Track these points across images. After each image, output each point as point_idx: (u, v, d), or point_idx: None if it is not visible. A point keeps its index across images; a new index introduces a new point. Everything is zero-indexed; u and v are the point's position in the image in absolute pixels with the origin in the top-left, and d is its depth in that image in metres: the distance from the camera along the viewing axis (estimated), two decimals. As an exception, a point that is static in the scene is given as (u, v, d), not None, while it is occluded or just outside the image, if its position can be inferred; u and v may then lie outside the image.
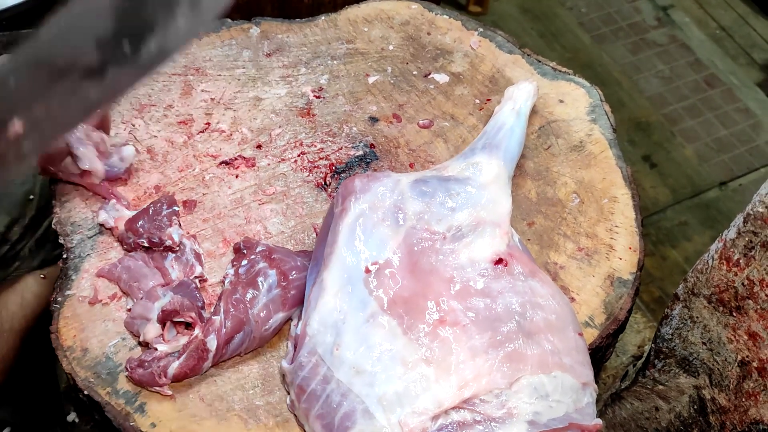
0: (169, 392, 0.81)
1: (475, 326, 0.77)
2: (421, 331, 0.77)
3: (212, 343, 0.81)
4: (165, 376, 0.80)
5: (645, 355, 1.17)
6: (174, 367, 0.80)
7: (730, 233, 0.90)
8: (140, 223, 0.89)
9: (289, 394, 0.82)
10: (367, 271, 0.81)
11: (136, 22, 0.58)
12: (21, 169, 0.63)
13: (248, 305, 0.84)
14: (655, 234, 2.18)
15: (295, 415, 0.81)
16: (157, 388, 0.81)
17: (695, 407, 1.00)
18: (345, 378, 0.75)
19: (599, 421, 0.76)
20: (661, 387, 1.03)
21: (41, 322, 1.22)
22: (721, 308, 0.94)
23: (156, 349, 0.82)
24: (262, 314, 0.84)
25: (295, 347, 0.82)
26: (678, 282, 1.02)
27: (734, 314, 0.92)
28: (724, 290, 0.93)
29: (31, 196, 1.17)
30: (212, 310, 0.85)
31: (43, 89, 0.57)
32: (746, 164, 2.39)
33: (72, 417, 1.22)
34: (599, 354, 0.93)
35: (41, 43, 0.57)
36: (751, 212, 0.86)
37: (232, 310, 0.83)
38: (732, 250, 0.90)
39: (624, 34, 2.67)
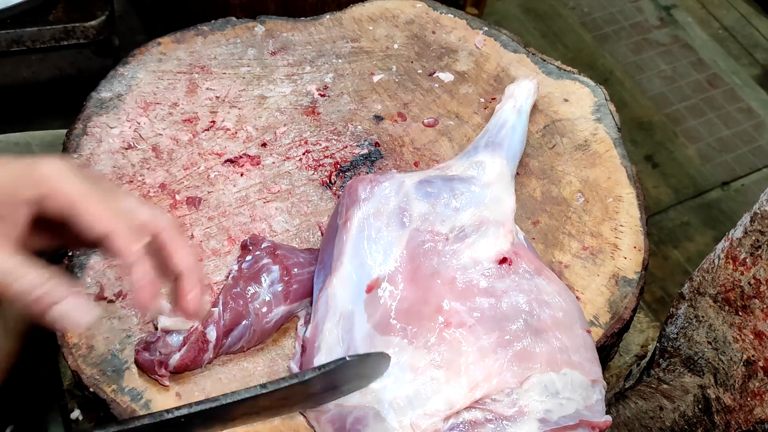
0: (167, 383, 0.82)
1: (481, 326, 0.77)
2: (427, 336, 0.77)
3: (212, 335, 0.82)
4: (165, 368, 0.81)
5: (649, 354, 1.17)
6: (175, 359, 0.81)
7: (737, 232, 0.90)
8: None
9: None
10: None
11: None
12: None
13: (249, 299, 0.84)
14: (657, 234, 2.18)
15: (304, 416, 0.81)
16: (157, 377, 0.82)
17: (700, 407, 1.00)
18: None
19: (609, 418, 0.76)
20: (665, 386, 1.03)
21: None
22: (726, 307, 0.94)
23: (157, 329, 0.83)
24: (263, 309, 0.84)
25: (303, 349, 0.82)
26: (680, 282, 1.02)
27: (740, 313, 0.92)
28: (730, 289, 0.93)
29: (36, 194, 1.17)
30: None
31: None
32: (748, 164, 2.39)
33: (76, 414, 1.22)
34: (604, 353, 0.93)
35: None
36: (758, 211, 0.86)
37: (231, 303, 0.84)
38: (738, 249, 0.90)
39: (626, 33, 2.67)
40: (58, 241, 0.62)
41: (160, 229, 0.61)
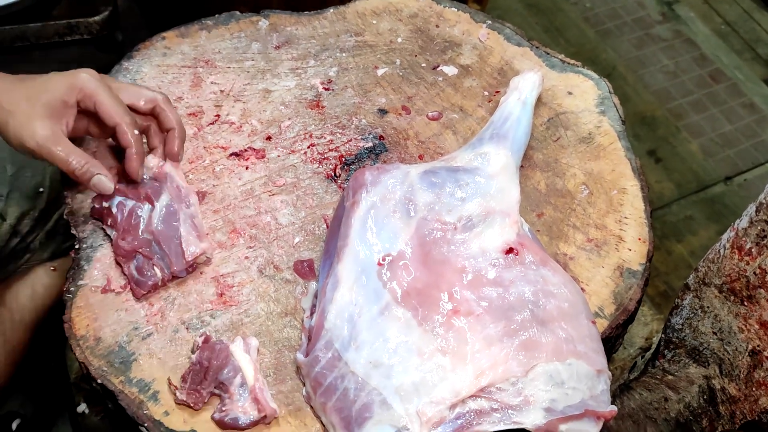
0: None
1: (489, 315, 0.77)
2: (435, 321, 0.77)
3: None
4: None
5: (654, 345, 1.18)
6: None
7: (742, 222, 0.90)
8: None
9: (304, 385, 0.82)
10: (380, 263, 0.82)
11: None
12: None
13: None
14: (661, 228, 2.18)
15: (311, 406, 0.82)
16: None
17: (705, 397, 1.00)
18: (362, 371, 0.76)
19: (614, 408, 0.76)
20: (670, 377, 1.04)
21: (51, 314, 1.22)
22: (732, 297, 0.94)
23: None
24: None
25: (309, 339, 0.82)
26: (684, 276, 1.03)
27: (745, 303, 0.92)
28: (736, 279, 0.93)
29: (41, 189, 1.18)
30: None
31: None
32: (751, 159, 2.38)
33: (82, 408, 1.23)
34: (609, 345, 0.93)
35: None
36: (764, 201, 0.86)
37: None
38: (744, 239, 0.90)
39: (629, 29, 2.67)
40: (94, 129, 0.90)
41: (156, 102, 0.90)
